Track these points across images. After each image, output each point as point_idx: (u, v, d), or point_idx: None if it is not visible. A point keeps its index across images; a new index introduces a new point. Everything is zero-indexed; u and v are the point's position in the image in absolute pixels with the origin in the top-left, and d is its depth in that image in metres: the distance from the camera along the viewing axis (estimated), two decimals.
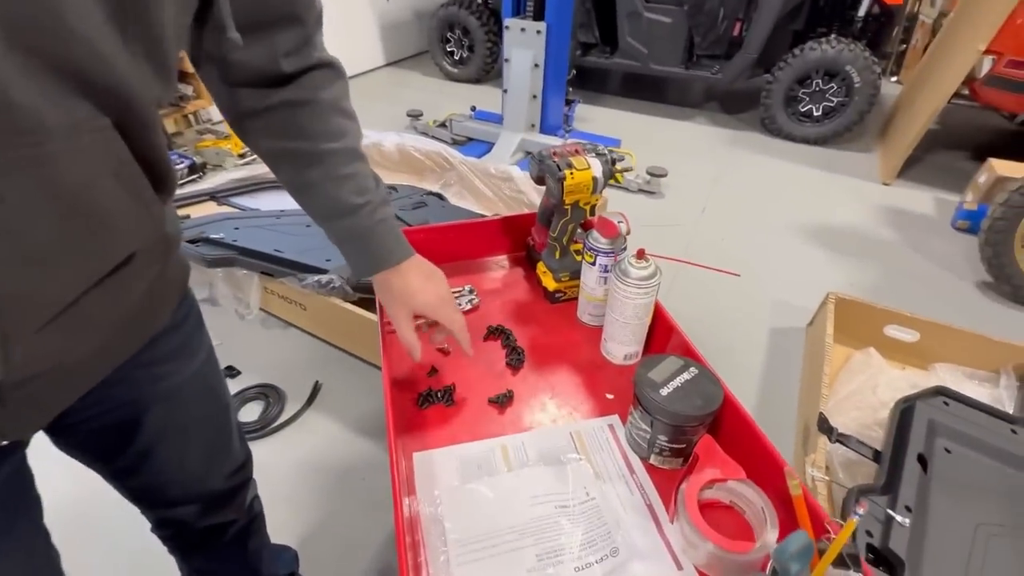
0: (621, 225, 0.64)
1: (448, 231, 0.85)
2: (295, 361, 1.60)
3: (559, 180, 0.67)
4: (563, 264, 0.76)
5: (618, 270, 0.62)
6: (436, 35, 3.92)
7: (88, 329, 0.41)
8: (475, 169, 2.15)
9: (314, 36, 0.52)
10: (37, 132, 0.30)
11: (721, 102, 3.77)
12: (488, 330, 0.73)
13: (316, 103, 0.53)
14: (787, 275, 1.99)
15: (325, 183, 0.55)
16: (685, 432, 0.53)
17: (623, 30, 3.24)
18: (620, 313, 0.64)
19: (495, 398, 0.63)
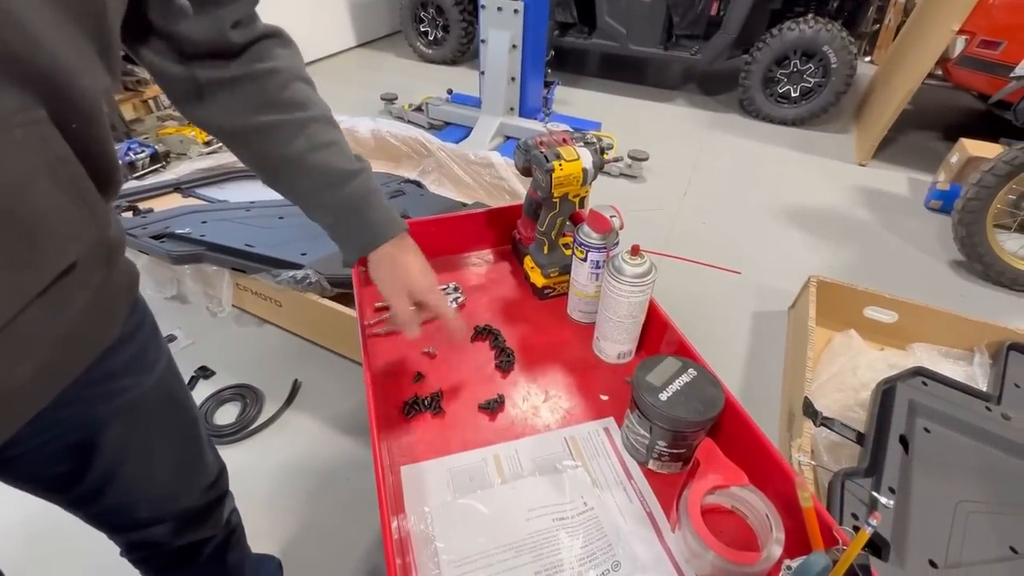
0: (614, 219, 0.60)
1: (430, 225, 0.81)
2: (272, 359, 1.54)
3: (547, 172, 0.63)
4: (552, 259, 0.73)
5: (612, 267, 0.59)
6: (409, 14, 3.79)
7: (26, 350, 0.36)
8: (454, 155, 2.08)
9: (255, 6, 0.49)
10: None
11: (700, 83, 3.75)
12: (476, 330, 0.70)
13: (278, 72, 0.50)
14: (768, 258, 2.00)
15: (311, 154, 0.52)
16: (686, 437, 0.51)
17: (601, 10, 3.18)
18: (614, 311, 0.61)
19: (485, 404, 0.60)
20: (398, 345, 0.68)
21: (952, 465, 1.10)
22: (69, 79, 0.31)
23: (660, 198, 2.33)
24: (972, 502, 1.04)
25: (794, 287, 1.74)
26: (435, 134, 2.50)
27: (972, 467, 1.10)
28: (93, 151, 0.35)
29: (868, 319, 1.56)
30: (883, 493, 1.02)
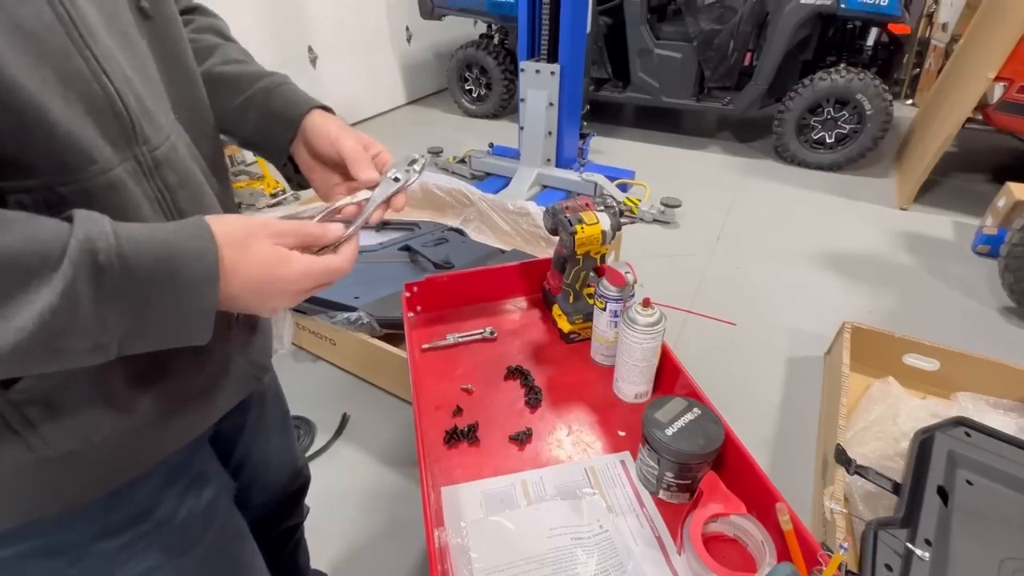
0: (628, 276, 0.69)
1: (470, 276, 0.93)
2: (324, 394, 1.68)
3: (571, 234, 0.74)
4: (577, 307, 0.82)
5: (627, 317, 0.67)
6: (455, 74, 4.11)
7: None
8: (494, 205, 2.24)
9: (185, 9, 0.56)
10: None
11: (734, 130, 3.84)
12: (508, 370, 0.79)
13: (191, 21, 0.56)
14: (804, 303, 2.01)
15: (223, 67, 0.54)
16: (690, 469, 0.57)
17: (635, 66, 3.36)
18: (629, 356, 0.69)
19: (515, 435, 0.69)
20: (441, 382, 0.78)
21: (996, 520, 1.07)
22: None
23: (693, 243, 2.39)
24: (1020, 560, 1.01)
25: (831, 332, 1.74)
26: (477, 184, 2.69)
27: (1019, 523, 1.07)
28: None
29: (908, 366, 1.54)
30: (918, 545, 1.01)
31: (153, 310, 0.33)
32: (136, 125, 0.38)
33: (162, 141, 0.41)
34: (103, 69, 0.36)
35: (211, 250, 0.35)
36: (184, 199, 0.43)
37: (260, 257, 0.38)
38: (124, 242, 0.32)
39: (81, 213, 0.32)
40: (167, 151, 0.42)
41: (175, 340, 0.36)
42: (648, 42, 3.24)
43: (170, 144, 0.42)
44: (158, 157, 0.41)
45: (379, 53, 4.19)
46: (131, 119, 0.38)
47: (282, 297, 0.41)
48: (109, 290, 0.31)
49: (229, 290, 0.37)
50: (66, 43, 0.34)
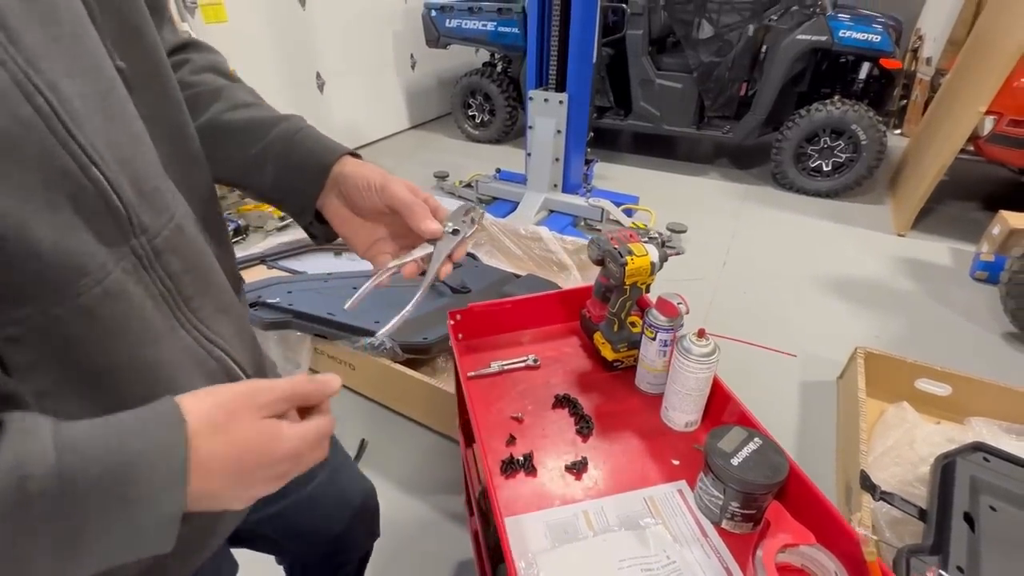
0: (680, 306, 0.71)
1: (511, 305, 0.94)
2: (341, 419, 1.66)
3: (621, 265, 0.76)
4: (621, 336, 0.84)
5: (681, 347, 0.69)
6: (459, 101, 4.20)
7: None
8: (505, 230, 2.27)
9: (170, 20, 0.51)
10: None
11: (732, 157, 3.94)
12: (556, 399, 0.80)
13: (189, 61, 0.52)
14: (812, 328, 2.04)
15: (230, 113, 0.50)
16: (756, 499, 0.58)
17: (636, 95, 3.46)
18: (682, 385, 0.71)
19: (571, 465, 0.69)
20: (490, 410, 0.79)
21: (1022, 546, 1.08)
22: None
23: (700, 268, 2.43)
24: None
25: (840, 357, 1.77)
26: (484, 208, 2.72)
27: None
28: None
29: (920, 391, 1.57)
30: (951, 572, 1.02)
31: (95, 530, 0.27)
32: (133, 216, 0.34)
33: (163, 225, 0.37)
34: (91, 160, 0.31)
35: (179, 443, 0.29)
36: (189, 284, 0.39)
37: (245, 437, 0.32)
38: (66, 456, 0.26)
39: (14, 425, 0.26)
40: (170, 235, 0.38)
41: (127, 555, 0.29)
42: (650, 73, 3.34)
43: (174, 225, 0.39)
44: (158, 245, 0.36)
45: (384, 79, 4.27)
46: (126, 210, 0.34)
47: (267, 483, 0.34)
48: (39, 517, 0.25)
49: (203, 487, 0.30)
50: (48, 140, 0.29)
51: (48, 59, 0.29)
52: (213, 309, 0.42)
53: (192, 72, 0.51)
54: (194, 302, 0.40)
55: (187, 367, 0.39)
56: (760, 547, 0.55)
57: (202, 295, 0.41)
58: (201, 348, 0.41)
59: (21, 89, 0.28)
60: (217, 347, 0.42)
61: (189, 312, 0.40)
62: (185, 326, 0.40)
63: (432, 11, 3.88)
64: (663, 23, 3.39)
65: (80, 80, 0.31)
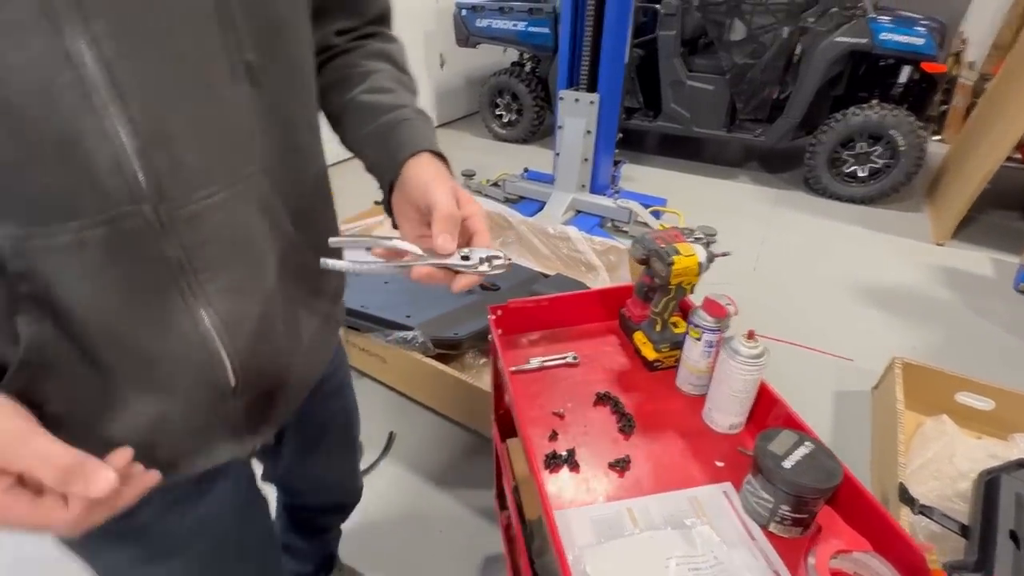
0: (729, 307, 0.71)
1: (550, 302, 0.94)
2: (369, 411, 1.68)
3: (668, 264, 0.75)
4: (663, 336, 0.84)
5: (729, 348, 0.68)
6: (487, 100, 4.21)
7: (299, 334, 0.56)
8: (534, 229, 2.27)
9: (367, 28, 0.59)
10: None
11: (762, 161, 3.87)
12: (597, 396, 0.80)
13: (363, 46, 0.58)
14: (846, 337, 2.00)
15: (365, 95, 0.54)
16: (807, 503, 0.58)
17: (667, 97, 3.43)
18: (729, 386, 0.70)
19: (615, 462, 0.70)
20: (531, 406, 0.79)
21: None
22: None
23: (730, 273, 2.39)
24: None
25: (875, 367, 1.73)
26: (510, 207, 2.73)
27: None
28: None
29: (961, 405, 1.52)
30: None
31: None
32: (152, 183, 0.36)
33: (195, 200, 0.39)
34: (118, 127, 0.34)
35: None
36: (205, 258, 0.41)
37: None
38: None
39: None
40: (199, 209, 0.39)
41: None
42: (680, 74, 3.31)
43: (213, 202, 0.40)
44: (179, 215, 0.38)
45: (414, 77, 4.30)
46: (145, 176, 0.36)
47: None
48: None
49: None
50: (78, 102, 0.32)
51: (115, 40, 0.33)
52: (226, 287, 0.43)
53: (362, 56, 0.57)
54: (204, 275, 0.41)
55: (172, 335, 0.41)
56: (812, 552, 0.54)
57: (218, 270, 0.42)
58: (193, 321, 0.42)
59: (69, 58, 0.31)
60: (214, 328, 0.43)
61: (196, 284, 0.41)
62: (185, 294, 0.41)
63: (463, 10, 3.91)
64: (695, 24, 3.35)
65: (145, 60, 0.34)
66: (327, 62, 0.58)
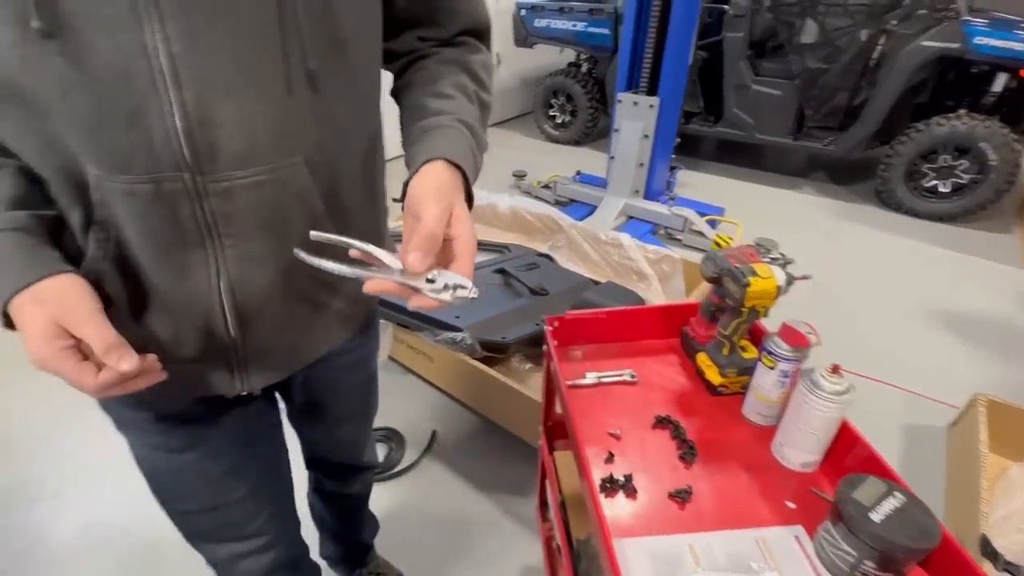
0: (811, 337, 0.66)
1: (609, 316, 0.91)
2: (413, 409, 1.70)
3: (743, 286, 0.71)
4: (730, 360, 0.79)
5: (809, 381, 0.63)
6: (541, 100, 4.19)
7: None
8: (585, 234, 2.23)
9: (451, 39, 0.61)
10: None
11: (829, 171, 3.66)
12: (656, 419, 0.77)
13: (441, 52, 0.59)
14: (918, 366, 1.85)
15: (423, 97, 0.56)
16: (897, 562, 0.52)
17: (729, 101, 3.30)
18: (806, 422, 0.65)
19: (675, 492, 0.66)
20: (586, 424, 0.77)
21: None
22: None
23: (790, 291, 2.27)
24: None
25: (953, 401, 1.59)
26: (560, 210, 2.70)
27: None
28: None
29: None
30: None
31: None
32: (191, 158, 0.43)
33: (228, 177, 0.45)
34: (173, 110, 0.41)
35: (10, 289, 0.41)
36: (231, 225, 0.47)
37: (30, 318, 0.41)
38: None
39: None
40: (231, 186, 0.45)
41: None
42: (746, 78, 3.17)
43: (249, 182, 0.45)
44: (211, 188, 0.44)
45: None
46: (186, 152, 0.43)
47: (31, 354, 0.42)
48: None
49: (16, 316, 0.42)
50: (149, 87, 0.40)
51: (183, 39, 0.39)
52: (243, 255, 0.49)
53: (437, 61, 0.59)
54: (227, 240, 0.48)
55: (188, 281, 0.49)
56: None
57: (239, 239, 0.48)
58: (208, 275, 0.49)
59: (146, 51, 0.39)
60: (223, 286, 0.50)
61: (219, 247, 0.48)
62: (207, 252, 0.48)
63: (522, 10, 3.90)
64: (765, 26, 3.21)
65: (204, 59, 0.41)
66: (409, 64, 0.61)
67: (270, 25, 0.42)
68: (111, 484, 1.44)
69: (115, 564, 1.27)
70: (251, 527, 0.71)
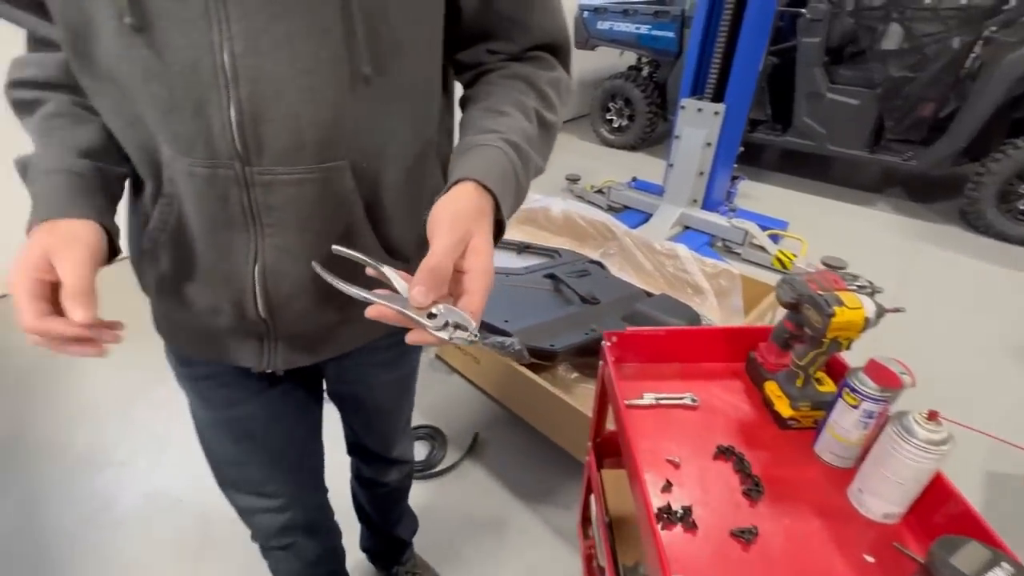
0: (904, 377, 0.60)
1: (670, 334, 0.87)
2: (456, 409, 1.71)
3: (828, 316, 0.66)
4: (804, 393, 0.74)
5: (900, 426, 0.58)
6: (599, 104, 4.13)
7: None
8: (639, 243, 2.17)
9: (522, 53, 0.58)
10: None
11: (908, 187, 3.41)
12: (718, 449, 0.72)
13: (507, 66, 0.57)
14: (1004, 409, 1.68)
15: (476, 113, 0.54)
16: None
17: (800, 109, 3.13)
18: (893, 471, 0.59)
19: (739, 532, 0.62)
20: (643, 447, 0.73)
21: None
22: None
23: None
24: None
25: None
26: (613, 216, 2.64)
27: None
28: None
29: None
30: None
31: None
32: (241, 152, 0.46)
33: (273, 171, 0.48)
34: (230, 103, 0.45)
35: (35, 218, 0.46)
36: (270, 215, 0.50)
37: (29, 245, 0.44)
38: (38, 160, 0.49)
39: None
40: (273, 179, 0.48)
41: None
42: (820, 86, 3.00)
43: (295, 178, 0.48)
44: (257, 179, 0.48)
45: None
46: (237, 146, 0.46)
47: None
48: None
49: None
50: (212, 83, 0.43)
51: (244, 41, 0.42)
52: (279, 245, 0.52)
53: (501, 75, 0.57)
54: (267, 229, 0.51)
55: (229, 260, 0.52)
56: None
57: (277, 229, 0.51)
58: (246, 258, 0.52)
59: (212, 48, 0.43)
60: (257, 271, 0.53)
61: (259, 234, 0.51)
62: (249, 236, 0.51)
63: (585, 12, 3.85)
64: (845, 31, 3.02)
65: (262, 59, 0.43)
66: (477, 77, 0.59)
67: (327, 32, 0.44)
68: (172, 457, 1.53)
69: (172, 533, 1.34)
70: (269, 488, 0.78)
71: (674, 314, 1.59)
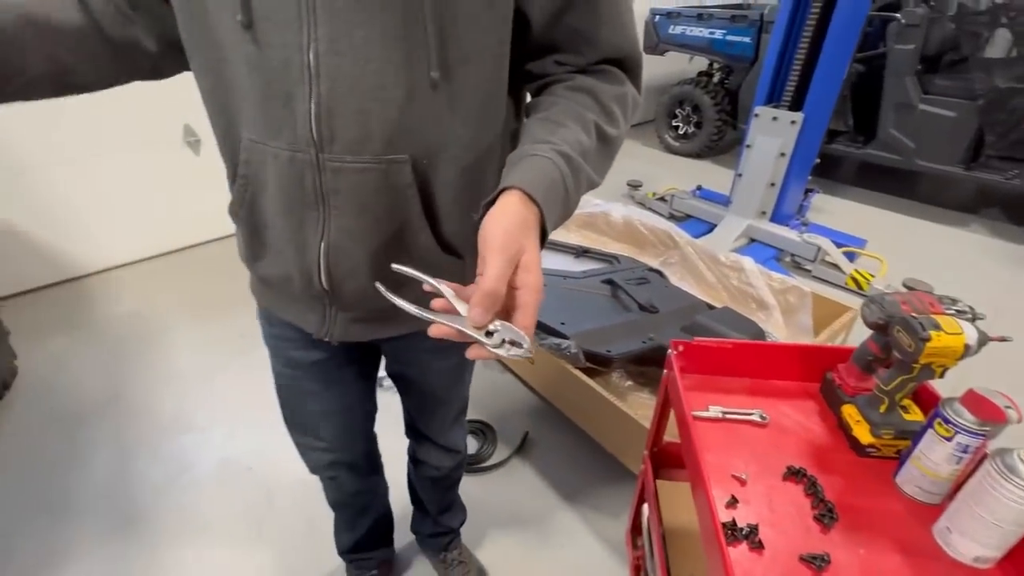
0: (1009, 412, 0.55)
1: (740, 347, 0.85)
2: (507, 406, 1.73)
3: (922, 340, 0.62)
4: (887, 419, 0.70)
5: (1002, 463, 0.53)
6: (665, 110, 4.04)
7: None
8: (701, 253, 2.11)
9: (589, 66, 0.58)
10: None
11: (1007, 208, 3.12)
12: (788, 469, 0.70)
13: (572, 78, 0.57)
14: None
15: (532, 122, 0.55)
16: None
17: (887, 121, 2.94)
18: (989, 511, 0.55)
19: (809, 557, 0.59)
20: (709, 460, 0.72)
21: None
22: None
23: None
24: None
25: None
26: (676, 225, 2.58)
27: None
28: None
29: None
30: None
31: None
32: (316, 139, 0.52)
33: (340, 158, 0.53)
34: (309, 96, 0.50)
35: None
36: (336, 198, 0.55)
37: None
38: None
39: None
40: (341, 167, 0.53)
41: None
42: (912, 96, 2.80)
43: (354, 167, 0.53)
44: (327, 164, 0.53)
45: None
46: (312, 135, 0.52)
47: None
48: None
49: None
50: (299, 78, 0.49)
51: (327, 42, 0.48)
52: (342, 227, 0.57)
53: (566, 87, 0.57)
54: (334, 211, 0.56)
55: (300, 236, 0.59)
56: None
57: (341, 212, 0.56)
58: (316, 235, 0.58)
59: (301, 48, 0.48)
60: (322, 247, 0.58)
61: (327, 215, 0.56)
62: (319, 216, 0.56)
63: (656, 16, 3.79)
64: (944, 37, 2.80)
65: (340, 59, 0.48)
66: (543, 87, 0.60)
67: (400, 39, 0.49)
68: (246, 427, 1.64)
69: (240, 500, 1.44)
70: (321, 432, 0.89)
71: (737, 328, 1.54)
